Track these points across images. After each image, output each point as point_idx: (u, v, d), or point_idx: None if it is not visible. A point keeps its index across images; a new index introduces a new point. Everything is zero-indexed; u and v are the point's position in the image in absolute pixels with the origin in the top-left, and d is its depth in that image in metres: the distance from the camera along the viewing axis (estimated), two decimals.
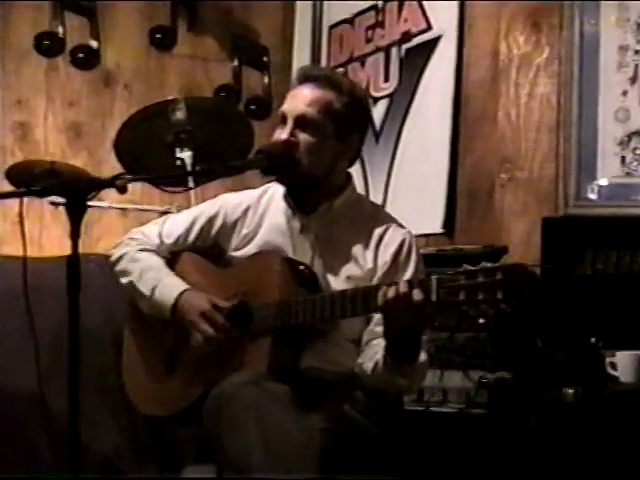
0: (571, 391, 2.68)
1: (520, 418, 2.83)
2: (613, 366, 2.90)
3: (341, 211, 2.69)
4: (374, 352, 2.52)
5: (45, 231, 4.65)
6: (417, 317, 2.25)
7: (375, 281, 2.57)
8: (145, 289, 2.71)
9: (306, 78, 2.65)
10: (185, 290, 2.65)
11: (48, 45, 4.82)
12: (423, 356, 2.48)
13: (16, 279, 2.41)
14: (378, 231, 2.66)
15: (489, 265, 2.10)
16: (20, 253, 2.35)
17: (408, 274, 2.59)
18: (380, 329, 2.44)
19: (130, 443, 3.58)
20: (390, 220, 2.72)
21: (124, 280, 2.78)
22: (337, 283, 2.60)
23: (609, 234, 3.24)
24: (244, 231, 2.75)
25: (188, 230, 2.81)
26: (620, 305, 3.12)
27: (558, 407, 2.70)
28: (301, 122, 2.59)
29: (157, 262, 2.78)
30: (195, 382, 2.61)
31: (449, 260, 3.28)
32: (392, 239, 2.64)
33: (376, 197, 4.26)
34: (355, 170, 2.80)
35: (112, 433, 3.55)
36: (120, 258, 2.81)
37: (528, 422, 2.78)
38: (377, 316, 2.52)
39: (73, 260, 2.08)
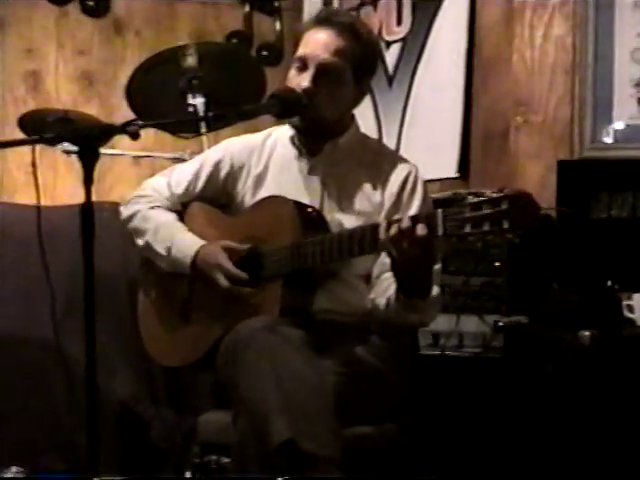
0: (587, 334, 2.68)
1: (536, 362, 2.83)
2: (630, 309, 2.90)
3: (346, 149, 2.69)
4: (386, 286, 2.52)
5: (59, 180, 4.66)
6: (423, 252, 2.23)
7: (383, 214, 2.59)
8: (161, 249, 2.70)
9: (328, 22, 2.63)
10: (201, 247, 2.65)
11: None
12: (435, 290, 2.47)
13: (31, 227, 2.41)
14: (384, 166, 2.68)
15: (494, 195, 2.08)
16: (34, 201, 2.35)
17: (414, 207, 2.60)
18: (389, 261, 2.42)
19: (148, 389, 3.60)
20: (395, 155, 2.77)
21: (139, 241, 2.77)
22: (349, 220, 2.60)
23: (625, 177, 3.22)
24: (252, 173, 2.75)
25: (196, 177, 2.79)
26: (636, 248, 3.11)
27: (574, 350, 2.70)
28: (323, 70, 2.58)
29: (169, 219, 2.77)
30: (210, 330, 2.61)
31: None
32: (398, 173, 2.66)
33: (390, 142, 4.23)
34: (369, 115, 2.79)
35: (130, 379, 3.58)
36: (132, 217, 2.80)
37: (544, 365, 2.79)
38: None
39: (87, 208, 2.08)
